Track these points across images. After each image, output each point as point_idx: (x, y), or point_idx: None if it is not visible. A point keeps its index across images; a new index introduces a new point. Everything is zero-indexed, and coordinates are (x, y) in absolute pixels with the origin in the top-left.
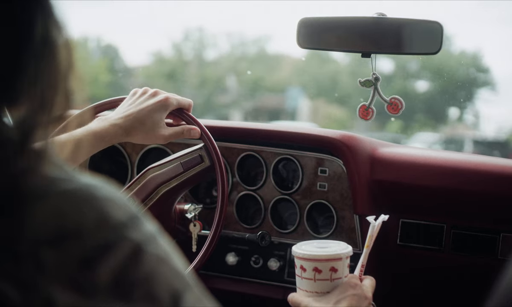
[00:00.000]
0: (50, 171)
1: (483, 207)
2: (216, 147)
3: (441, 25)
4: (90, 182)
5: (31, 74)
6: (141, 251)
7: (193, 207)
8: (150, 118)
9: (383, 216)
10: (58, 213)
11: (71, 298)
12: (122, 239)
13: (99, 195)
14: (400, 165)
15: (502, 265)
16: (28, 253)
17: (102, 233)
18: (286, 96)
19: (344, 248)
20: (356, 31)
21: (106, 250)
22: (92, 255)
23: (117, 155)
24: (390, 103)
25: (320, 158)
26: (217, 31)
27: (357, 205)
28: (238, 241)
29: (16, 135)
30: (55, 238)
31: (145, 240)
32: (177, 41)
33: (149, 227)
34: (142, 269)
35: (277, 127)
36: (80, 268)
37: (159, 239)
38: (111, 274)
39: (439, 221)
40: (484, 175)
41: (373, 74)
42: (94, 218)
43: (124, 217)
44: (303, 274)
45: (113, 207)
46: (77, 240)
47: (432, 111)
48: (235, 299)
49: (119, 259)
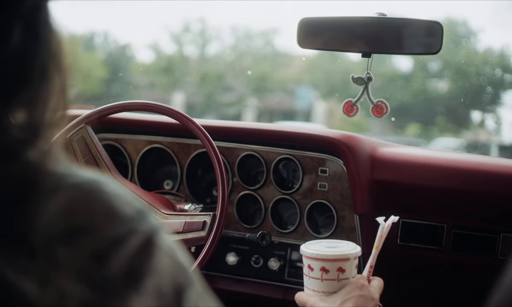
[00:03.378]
0: (57, 167)
1: (483, 207)
2: (215, 148)
3: (441, 25)
4: (96, 177)
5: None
6: (151, 243)
7: (193, 207)
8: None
9: (393, 217)
10: (68, 208)
11: (85, 292)
12: (132, 232)
13: (106, 189)
14: (401, 165)
15: (502, 265)
16: (42, 248)
17: (113, 227)
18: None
19: (352, 248)
20: (356, 31)
21: (117, 244)
22: (103, 249)
23: (117, 155)
24: (376, 105)
25: (320, 158)
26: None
27: (357, 205)
28: (238, 241)
29: (22, 135)
30: (67, 234)
31: (153, 232)
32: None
33: (154, 221)
34: (151, 261)
35: (277, 127)
36: (93, 263)
37: (163, 233)
38: (122, 266)
39: (439, 221)
40: (484, 175)
41: (367, 73)
42: (104, 212)
43: (131, 211)
44: (311, 274)
45: (120, 201)
46: (88, 235)
47: (453, 115)
48: (236, 299)
49: (130, 252)
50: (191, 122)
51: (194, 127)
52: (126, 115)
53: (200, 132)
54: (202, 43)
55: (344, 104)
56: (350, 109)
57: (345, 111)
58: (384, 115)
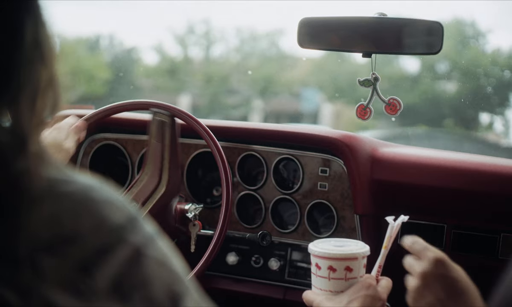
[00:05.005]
0: (48, 172)
1: (483, 207)
2: (220, 148)
3: (442, 25)
4: (88, 183)
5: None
6: (140, 254)
7: (194, 207)
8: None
9: (403, 217)
10: (55, 218)
11: (70, 302)
12: (120, 242)
13: (96, 197)
14: (401, 165)
15: (503, 265)
16: (27, 258)
17: (100, 237)
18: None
19: (361, 247)
20: (357, 31)
21: (104, 254)
22: (90, 259)
23: (117, 155)
24: (388, 103)
25: (320, 158)
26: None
27: (357, 205)
28: (238, 241)
29: (12, 138)
30: (52, 244)
31: (145, 242)
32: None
33: (148, 229)
34: (141, 272)
35: (277, 127)
36: (79, 273)
37: (158, 241)
38: (110, 277)
39: (439, 221)
40: (484, 175)
41: (373, 74)
42: (91, 221)
43: (122, 219)
44: (318, 272)
45: (111, 209)
46: (74, 245)
47: (461, 116)
48: (236, 298)
49: (118, 263)
50: (195, 121)
51: (198, 126)
52: (127, 115)
53: (204, 132)
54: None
55: (357, 108)
56: (364, 113)
57: (359, 115)
58: (398, 111)
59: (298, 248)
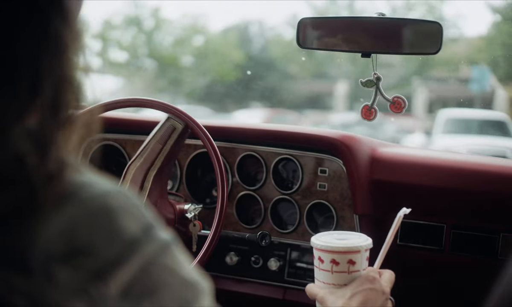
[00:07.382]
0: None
1: (483, 207)
2: (216, 148)
3: (441, 26)
4: (107, 189)
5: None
6: (152, 264)
7: (193, 207)
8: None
9: (405, 209)
10: (70, 227)
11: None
12: (134, 253)
13: (113, 206)
14: (400, 165)
15: (502, 265)
16: (40, 267)
17: (115, 249)
18: (468, 79)
19: (363, 240)
20: (356, 31)
21: (118, 265)
22: (104, 270)
23: (117, 155)
24: (393, 102)
25: (320, 158)
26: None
27: (357, 205)
28: (238, 241)
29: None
30: (67, 254)
31: (158, 251)
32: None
33: (163, 235)
34: (152, 280)
35: (277, 127)
36: (92, 282)
37: (172, 247)
38: (121, 285)
39: (439, 221)
40: (484, 175)
41: (374, 73)
42: (107, 232)
43: (137, 229)
44: (321, 266)
45: (127, 218)
46: (89, 256)
47: None
48: (235, 299)
49: (130, 272)
50: (192, 121)
51: (195, 126)
52: (126, 115)
53: (200, 132)
54: None
55: (362, 109)
56: (369, 113)
57: (364, 116)
58: (403, 109)
59: (298, 248)
